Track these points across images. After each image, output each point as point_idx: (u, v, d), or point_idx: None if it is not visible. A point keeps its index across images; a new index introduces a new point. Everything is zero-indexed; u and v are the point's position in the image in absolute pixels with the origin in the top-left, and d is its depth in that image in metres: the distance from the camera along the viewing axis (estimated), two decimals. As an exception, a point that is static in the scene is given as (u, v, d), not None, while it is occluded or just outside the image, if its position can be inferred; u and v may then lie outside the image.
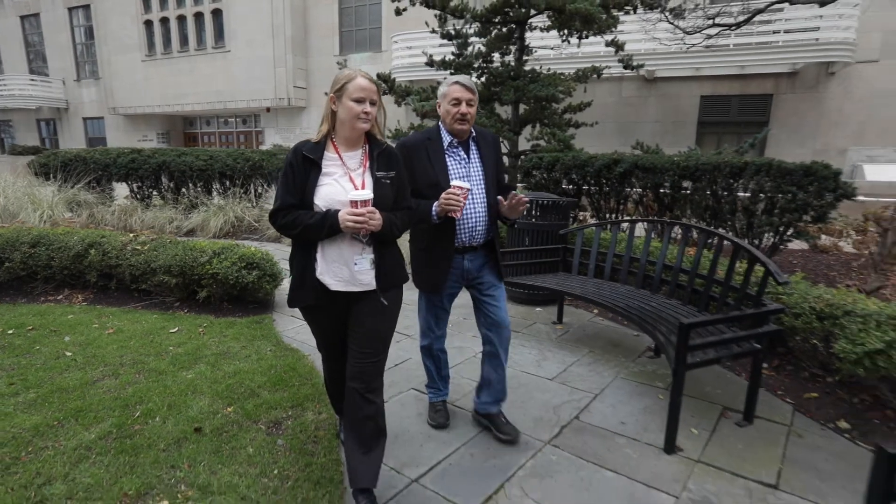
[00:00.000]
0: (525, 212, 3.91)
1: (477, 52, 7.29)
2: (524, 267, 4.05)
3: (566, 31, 6.94)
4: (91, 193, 8.06)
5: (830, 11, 8.70)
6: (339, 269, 1.82)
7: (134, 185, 8.59)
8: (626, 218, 5.47)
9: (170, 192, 8.44)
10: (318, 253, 1.82)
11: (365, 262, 1.82)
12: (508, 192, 2.26)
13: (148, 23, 17.47)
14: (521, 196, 2.16)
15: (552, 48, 8.10)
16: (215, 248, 4.18)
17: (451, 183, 2.10)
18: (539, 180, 6.03)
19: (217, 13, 16.18)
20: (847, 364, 2.50)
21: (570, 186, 5.90)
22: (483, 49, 7.26)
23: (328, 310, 1.91)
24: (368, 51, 14.89)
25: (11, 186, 7.45)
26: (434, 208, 2.11)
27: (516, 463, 2.22)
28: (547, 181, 5.96)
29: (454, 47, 7.39)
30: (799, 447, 2.35)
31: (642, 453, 2.30)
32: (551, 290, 3.63)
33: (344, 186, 1.80)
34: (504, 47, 7.25)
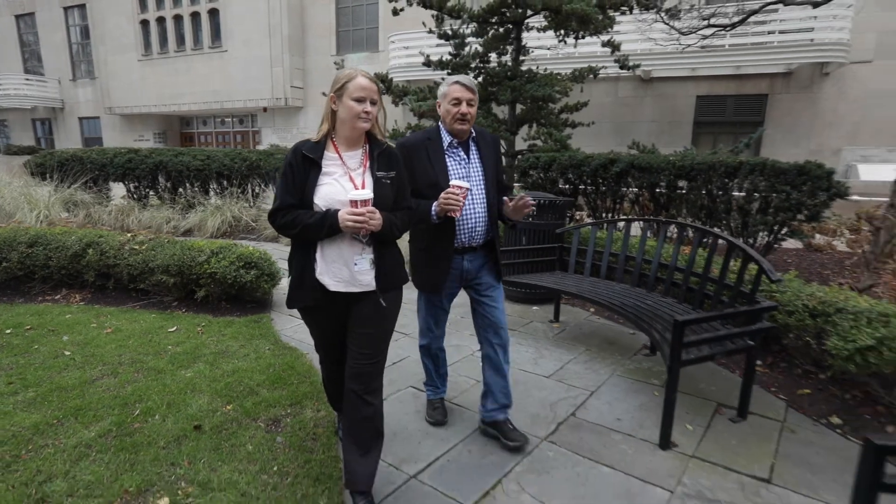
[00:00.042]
0: (531, 214, 3.90)
1: (474, 53, 7.31)
2: (521, 266, 4.08)
3: (563, 32, 6.96)
4: (88, 193, 8.02)
5: (825, 12, 8.76)
6: (339, 270, 1.81)
7: (131, 185, 8.56)
8: (623, 217, 5.50)
9: (167, 192, 8.42)
10: (318, 253, 1.81)
11: (365, 263, 1.81)
12: (507, 193, 2.26)
13: (144, 22, 17.42)
14: (529, 199, 2.16)
15: (549, 48, 8.13)
16: (213, 248, 4.19)
17: (451, 182, 2.09)
18: (536, 180, 6.06)
19: (214, 13, 16.16)
20: (839, 360, 2.54)
21: (567, 186, 5.94)
22: (480, 49, 7.28)
23: (328, 310, 1.90)
24: (365, 51, 14.90)
25: (7, 186, 7.42)
26: (433, 208, 2.11)
27: (513, 459, 2.25)
28: (544, 181, 6.00)
29: (451, 47, 7.41)
30: (792, 442, 2.38)
31: (638, 449, 2.34)
32: (548, 289, 3.65)
33: (344, 186, 1.79)
34: (501, 47, 7.27)
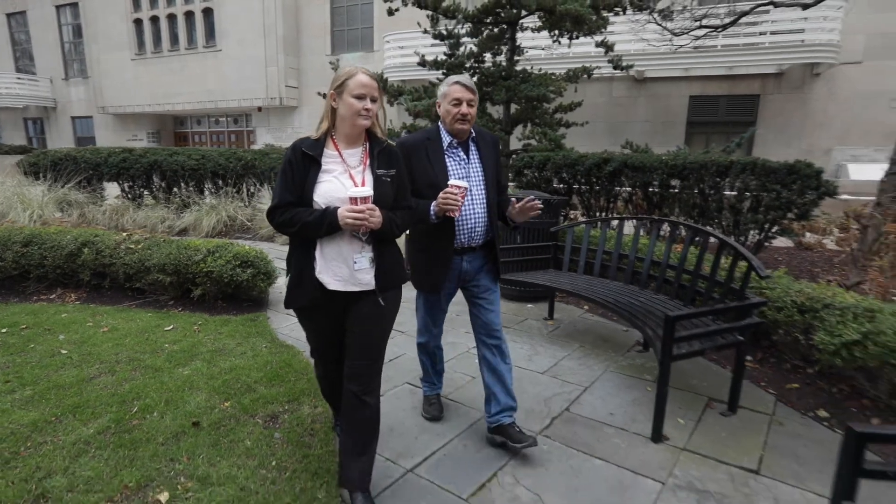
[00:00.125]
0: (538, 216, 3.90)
1: (469, 53, 7.36)
2: (516, 264, 4.12)
3: (557, 32, 7.02)
4: (82, 193, 7.99)
5: (815, 14, 8.87)
6: (339, 268, 1.80)
7: (125, 185, 8.54)
8: (616, 216, 5.56)
9: (161, 192, 8.41)
10: (317, 251, 1.80)
11: (364, 261, 1.80)
12: (506, 193, 2.27)
13: (138, 21, 17.32)
14: (537, 202, 2.16)
15: (543, 48, 8.19)
16: (209, 247, 4.20)
17: (449, 182, 2.07)
18: (530, 179, 6.11)
19: (208, 12, 16.09)
20: (826, 355, 2.60)
21: (561, 185, 5.99)
22: (475, 49, 7.33)
23: (326, 310, 1.88)
24: (360, 50, 14.89)
25: (0, 186, 7.39)
26: (432, 208, 2.10)
27: (508, 453, 2.28)
28: (538, 180, 6.05)
29: (446, 47, 7.45)
30: (780, 435, 2.44)
31: (630, 442, 2.38)
32: (543, 287, 3.69)
33: (344, 184, 1.78)
34: (495, 47, 7.32)
